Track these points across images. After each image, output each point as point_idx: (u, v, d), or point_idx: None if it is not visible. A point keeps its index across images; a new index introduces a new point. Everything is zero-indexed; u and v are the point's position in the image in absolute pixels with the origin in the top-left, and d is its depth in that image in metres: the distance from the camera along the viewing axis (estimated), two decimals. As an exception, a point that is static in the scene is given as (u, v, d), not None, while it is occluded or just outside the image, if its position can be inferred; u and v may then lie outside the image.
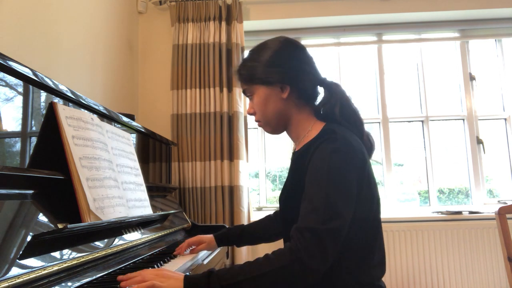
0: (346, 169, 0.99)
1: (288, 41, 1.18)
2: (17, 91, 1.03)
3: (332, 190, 0.96)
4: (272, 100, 1.14)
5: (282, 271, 0.91)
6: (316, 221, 0.93)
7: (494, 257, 2.54)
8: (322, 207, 0.94)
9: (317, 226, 0.92)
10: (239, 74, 1.20)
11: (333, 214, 0.94)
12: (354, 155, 1.02)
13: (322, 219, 0.93)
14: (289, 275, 0.91)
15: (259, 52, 1.17)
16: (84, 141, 1.17)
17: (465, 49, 3.00)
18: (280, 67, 1.13)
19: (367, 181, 1.04)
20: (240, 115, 2.63)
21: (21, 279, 0.79)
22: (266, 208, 2.89)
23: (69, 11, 1.95)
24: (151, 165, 2.04)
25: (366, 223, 1.05)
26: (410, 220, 2.64)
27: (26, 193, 0.96)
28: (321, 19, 2.89)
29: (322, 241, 0.92)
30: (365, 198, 1.04)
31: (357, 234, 1.03)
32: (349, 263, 1.03)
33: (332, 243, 0.93)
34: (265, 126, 1.20)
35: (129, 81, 2.68)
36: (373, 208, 1.08)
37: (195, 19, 2.69)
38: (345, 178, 0.98)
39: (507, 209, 1.79)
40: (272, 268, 0.91)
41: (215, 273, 0.92)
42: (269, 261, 0.93)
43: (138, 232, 1.44)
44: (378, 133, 2.94)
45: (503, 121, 2.97)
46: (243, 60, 1.22)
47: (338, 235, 0.94)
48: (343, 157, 1.00)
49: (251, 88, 1.17)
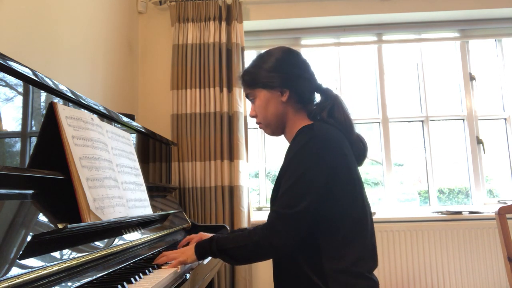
0: (315, 158, 1.09)
1: (289, 50, 1.29)
2: (17, 91, 1.03)
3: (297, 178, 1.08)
4: (272, 103, 1.24)
5: (256, 244, 1.10)
6: (281, 206, 1.09)
7: (494, 257, 2.54)
8: (287, 194, 1.09)
9: (281, 210, 1.08)
10: (243, 80, 1.31)
11: (295, 200, 1.07)
12: (327, 147, 1.11)
13: (287, 203, 1.08)
14: (259, 249, 1.11)
15: (262, 59, 1.27)
16: (84, 141, 1.17)
17: (465, 49, 3.00)
18: (281, 72, 1.23)
19: (347, 175, 1.12)
20: (240, 115, 2.63)
21: (21, 279, 0.79)
22: (266, 208, 2.89)
23: (69, 11, 1.95)
24: (151, 165, 2.04)
25: (347, 216, 1.11)
26: (410, 220, 2.64)
27: (26, 193, 0.96)
28: (321, 19, 2.89)
29: (283, 222, 1.07)
30: (343, 191, 1.11)
31: (337, 226, 1.11)
32: (329, 253, 1.10)
33: (292, 225, 1.07)
34: (265, 128, 1.31)
35: (129, 81, 2.68)
36: (357, 204, 1.14)
37: (195, 19, 2.69)
38: (312, 166, 1.08)
39: (507, 209, 1.79)
40: (248, 242, 1.11)
41: (215, 239, 1.18)
42: (249, 234, 1.13)
43: (138, 232, 1.44)
44: (378, 133, 2.94)
45: (503, 121, 2.97)
46: (248, 66, 1.31)
47: (299, 219, 1.07)
48: (313, 148, 1.10)
49: (253, 92, 1.27)
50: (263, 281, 2.63)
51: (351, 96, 3.00)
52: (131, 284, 0.99)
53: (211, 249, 1.17)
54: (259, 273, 2.63)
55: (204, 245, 1.19)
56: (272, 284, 1.25)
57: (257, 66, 1.27)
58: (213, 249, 1.16)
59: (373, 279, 1.14)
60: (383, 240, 2.58)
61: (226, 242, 1.16)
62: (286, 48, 1.29)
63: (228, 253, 1.15)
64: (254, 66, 1.28)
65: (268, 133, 1.31)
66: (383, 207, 2.83)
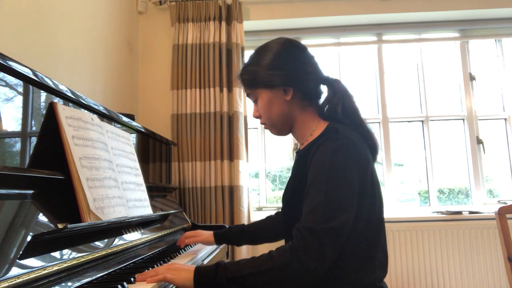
0: (347, 167, 0.99)
1: (288, 42, 1.18)
2: (17, 91, 1.03)
3: (332, 190, 0.96)
4: (276, 103, 1.14)
5: (283, 268, 0.93)
6: (315, 221, 0.95)
7: (494, 257, 2.54)
8: (321, 207, 0.95)
9: (316, 226, 0.94)
10: (242, 79, 1.20)
11: (332, 214, 0.95)
12: (356, 154, 1.02)
13: (321, 218, 0.94)
14: (289, 273, 0.93)
15: (260, 55, 1.17)
16: (84, 141, 1.17)
17: (465, 49, 3.00)
18: (282, 69, 1.13)
19: (370, 181, 1.04)
20: (240, 115, 2.63)
21: (21, 279, 0.79)
22: (266, 208, 2.89)
23: (69, 11, 1.95)
24: (151, 165, 2.04)
25: (369, 224, 1.04)
26: (410, 220, 2.64)
27: (26, 193, 0.96)
28: (321, 19, 2.89)
29: (320, 240, 0.93)
30: (368, 198, 1.03)
31: (360, 234, 1.02)
32: (351, 263, 1.02)
33: (330, 243, 0.94)
34: (271, 129, 1.20)
35: (129, 81, 2.68)
36: (376, 209, 1.06)
37: (195, 19, 2.69)
38: (346, 177, 0.98)
39: (507, 209, 1.79)
40: (273, 265, 0.94)
41: (222, 266, 0.97)
42: (272, 258, 0.95)
43: (138, 232, 1.44)
44: (378, 133, 2.94)
45: (503, 121, 2.97)
46: (244, 64, 1.21)
47: (336, 235, 0.95)
48: (344, 156, 1.00)
49: (254, 92, 1.17)
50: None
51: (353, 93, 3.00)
52: (131, 284, 0.99)
53: (217, 277, 0.95)
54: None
55: (207, 272, 0.97)
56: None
57: (255, 63, 1.16)
58: (220, 278, 0.95)
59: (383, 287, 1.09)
60: (383, 240, 2.57)
61: (238, 268, 0.96)
62: (284, 40, 1.18)
63: (242, 281, 0.94)
64: (252, 64, 1.17)
65: (274, 134, 1.21)
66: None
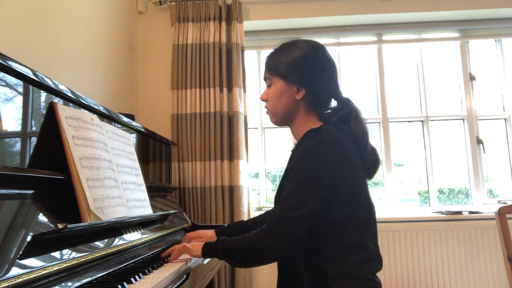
0: (320, 163, 1.07)
1: (319, 49, 1.24)
2: (17, 91, 1.03)
3: (301, 182, 1.07)
4: (285, 96, 1.21)
5: (254, 245, 1.10)
6: (283, 209, 1.07)
7: (494, 257, 2.54)
8: (290, 197, 1.08)
9: (282, 213, 1.07)
10: (266, 62, 1.27)
11: (298, 205, 1.05)
12: (333, 152, 1.08)
13: (289, 207, 1.07)
14: (259, 250, 1.09)
15: (290, 48, 1.23)
16: (84, 141, 1.17)
17: (465, 49, 3.00)
18: (303, 69, 1.19)
19: (349, 179, 1.10)
20: (240, 115, 2.63)
21: (21, 279, 0.79)
22: (266, 208, 2.89)
23: (69, 11, 1.95)
24: (151, 165, 2.04)
25: (347, 221, 1.10)
26: (410, 220, 2.64)
27: (26, 193, 0.96)
28: (321, 19, 2.89)
29: (284, 226, 1.06)
30: (345, 196, 1.09)
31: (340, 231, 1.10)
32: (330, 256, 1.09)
33: (293, 229, 1.06)
34: (271, 116, 1.28)
35: (129, 81, 2.68)
36: (358, 207, 1.11)
37: (195, 19, 2.69)
38: (317, 172, 1.06)
39: (507, 209, 1.79)
40: (250, 242, 1.11)
41: (221, 240, 1.16)
42: (250, 236, 1.12)
43: (138, 232, 1.44)
44: (378, 133, 2.94)
45: (503, 121, 2.97)
46: (275, 49, 1.27)
47: (298, 223, 1.06)
48: (319, 152, 1.07)
49: (271, 78, 1.24)
50: (263, 281, 2.63)
51: (351, 96, 3.00)
52: (131, 284, 0.99)
53: (216, 249, 1.15)
54: (259, 274, 2.63)
55: (211, 244, 1.18)
56: (272, 283, 1.25)
57: (282, 54, 1.23)
58: (218, 250, 1.15)
59: (376, 281, 1.12)
60: (383, 240, 2.57)
61: (229, 243, 1.14)
62: (316, 44, 1.25)
63: (229, 254, 1.14)
64: (280, 53, 1.23)
65: (272, 121, 1.28)
66: (383, 207, 2.83)
